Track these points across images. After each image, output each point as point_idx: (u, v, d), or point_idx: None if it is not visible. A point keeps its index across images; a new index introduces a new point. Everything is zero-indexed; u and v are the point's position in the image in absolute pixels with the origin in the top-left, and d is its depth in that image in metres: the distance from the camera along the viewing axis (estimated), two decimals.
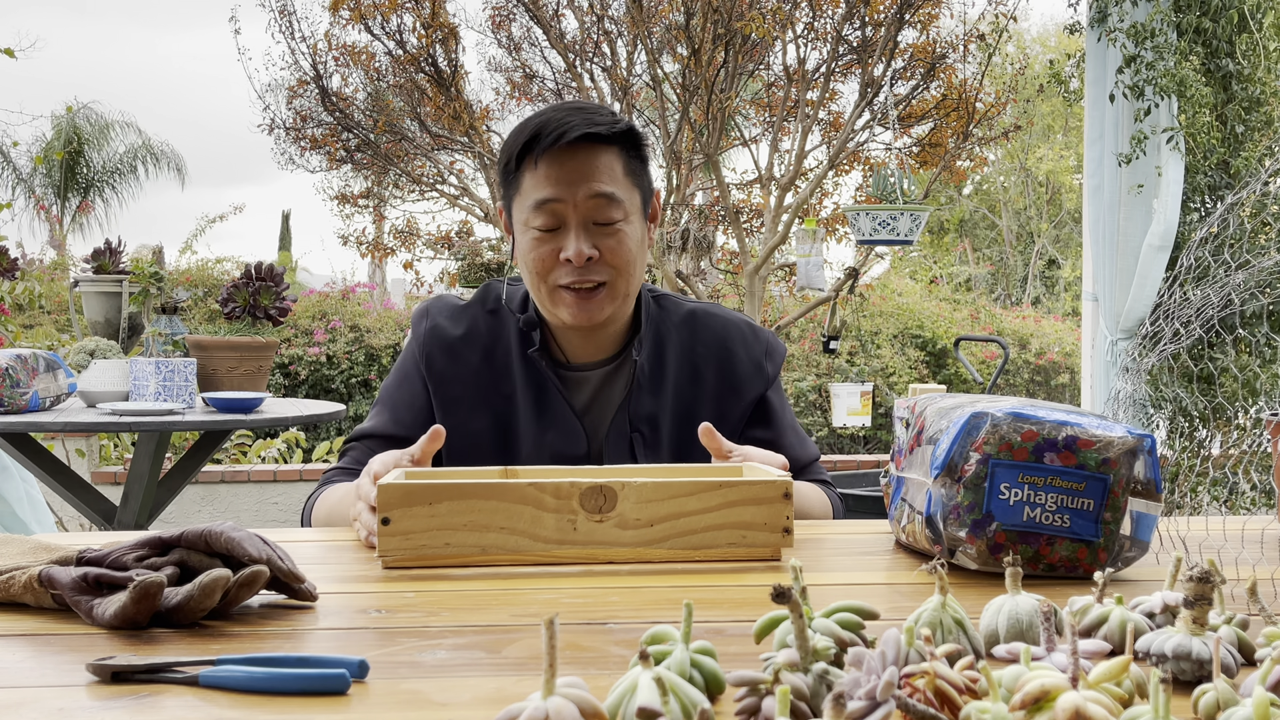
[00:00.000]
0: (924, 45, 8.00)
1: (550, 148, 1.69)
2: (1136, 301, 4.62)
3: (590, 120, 1.71)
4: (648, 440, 1.80)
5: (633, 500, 1.30)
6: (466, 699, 0.84)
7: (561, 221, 1.71)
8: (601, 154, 1.71)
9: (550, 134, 1.68)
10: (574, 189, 1.69)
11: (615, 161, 1.73)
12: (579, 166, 1.70)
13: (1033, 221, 21.50)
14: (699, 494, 1.31)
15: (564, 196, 1.69)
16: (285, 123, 9.46)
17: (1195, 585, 0.87)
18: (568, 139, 1.68)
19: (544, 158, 1.69)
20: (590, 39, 8.75)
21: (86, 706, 0.83)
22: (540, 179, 1.70)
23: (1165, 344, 1.61)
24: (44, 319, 8.55)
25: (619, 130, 1.73)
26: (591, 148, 1.71)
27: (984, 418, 1.25)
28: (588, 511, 1.30)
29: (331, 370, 8.71)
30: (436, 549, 1.28)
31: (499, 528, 1.29)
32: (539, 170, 1.70)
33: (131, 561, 1.09)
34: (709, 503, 1.31)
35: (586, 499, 1.30)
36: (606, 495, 1.30)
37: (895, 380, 9.53)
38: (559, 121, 1.70)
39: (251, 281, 3.86)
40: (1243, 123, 4.60)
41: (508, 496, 1.29)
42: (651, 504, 1.30)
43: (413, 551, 1.28)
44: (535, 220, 1.71)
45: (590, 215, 1.70)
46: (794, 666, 0.77)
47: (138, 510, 3.63)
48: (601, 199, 1.70)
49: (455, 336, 1.82)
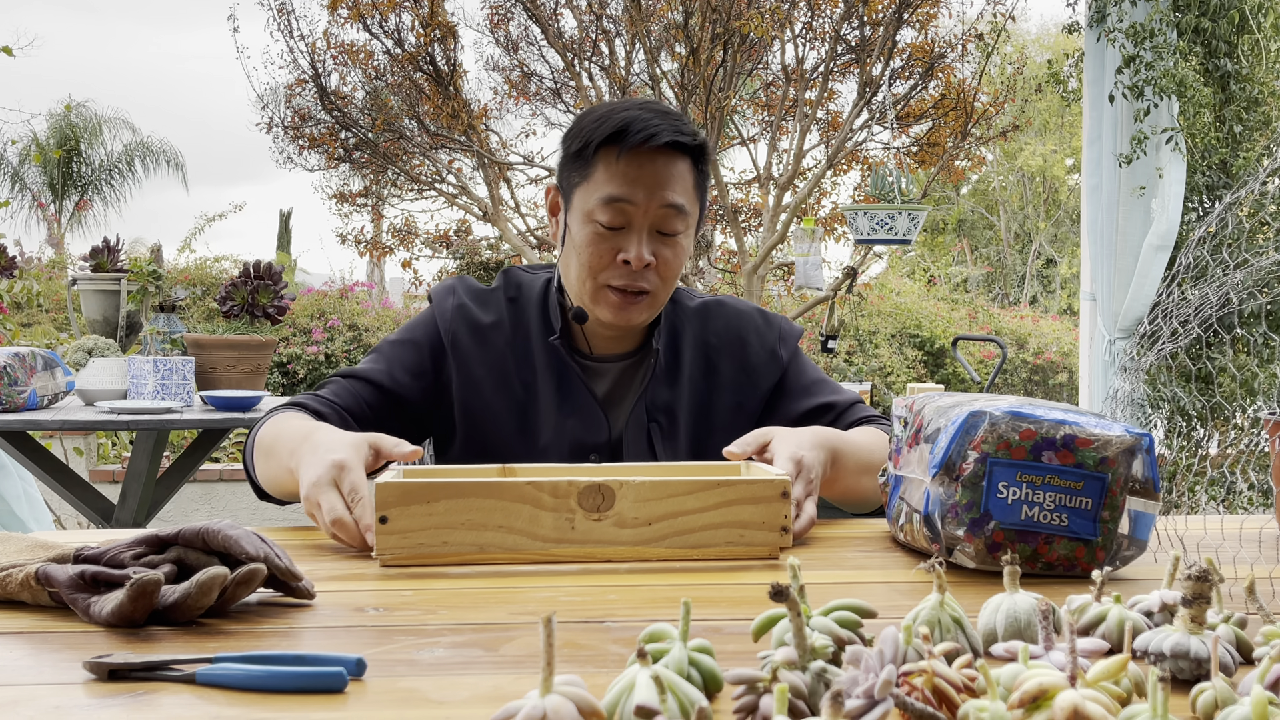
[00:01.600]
0: (922, 45, 8.01)
1: (635, 146, 1.68)
2: (1135, 301, 4.62)
3: (676, 128, 1.70)
4: (665, 431, 1.81)
5: (631, 499, 1.30)
6: (464, 697, 0.84)
7: (628, 223, 1.70)
8: (678, 163, 1.72)
9: (638, 133, 1.67)
10: (650, 194, 1.69)
11: (688, 173, 1.73)
12: (658, 172, 1.69)
13: (1030, 221, 21.51)
14: (697, 493, 1.31)
15: (637, 200, 1.69)
16: (284, 121, 9.46)
17: (1193, 584, 0.87)
18: (655, 143, 1.68)
19: (626, 155, 1.68)
20: (588, 38, 8.75)
21: (83, 704, 0.82)
22: (617, 175, 1.69)
23: (1163, 343, 1.61)
24: (42, 317, 8.54)
25: (698, 143, 1.74)
26: (671, 156, 1.71)
27: (982, 416, 1.25)
28: (586, 510, 1.30)
29: (329, 369, 8.71)
30: (434, 547, 1.28)
31: (497, 526, 1.29)
32: (618, 166, 1.69)
33: (129, 559, 1.09)
34: (707, 501, 1.31)
35: (585, 498, 1.29)
36: (605, 494, 1.30)
37: (893, 380, 9.54)
38: (645, 122, 1.68)
39: (250, 280, 3.86)
40: (1241, 123, 4.61)
41: (506, 495, 1.29)
42: (650, 503, 1.30)
43: (410, 550, 1.28)
44: (601, 215, 1.70)
45: (657, 223, 1.71)
46: (792, 665, 0.77)
47: (135, 508, 3.63)
48: (671, 210, 1.70)
49: (481, 317, 1.82)
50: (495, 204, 9.46)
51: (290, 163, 9.85)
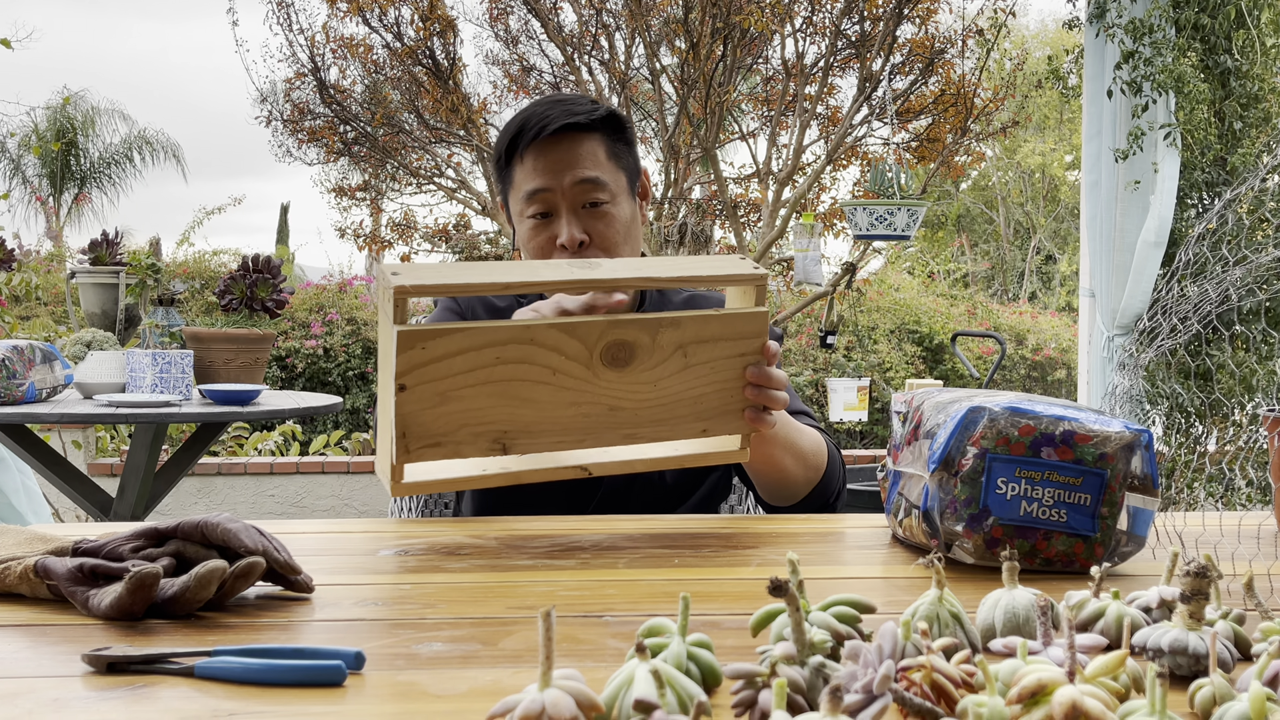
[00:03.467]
0: (922, 40, 8.00)
1: (534, 141, 1.78)
2: (1133, 297, 4.62)
3: (569, 111, 1.80)
4: None
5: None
6: (463, 691, 0.84)
7: (552, 208, 1.79)
8: (583, 141, 1.80)
9: (532, 128, 1.78)
10: (559, 177, 1.77)
11: (597, 147, 1.81)
12: (562, 156, 1.78)
13: (1030, 217, 21.51)
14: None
15: (551, 185, 1.78)
16: (283, 115, 9.44)
17: (1192, 580, 0.87)
18: (548, 131, 1.77)
19: (529, 151, 1.79)
20: (588, 32, 8.74)
21: (82, 697, 0.82)
22: (528, 171, 1.79)
23: (1162, 339, 1.61)
24: (41, 310, 8.54)
25: (597, 118, 1.81)
26: (573, 137, 1.79)
27: (981, 412, 1.25)
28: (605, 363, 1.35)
29: (328, 363, 8.71)
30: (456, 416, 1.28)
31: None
32: (526, 163, 1.79)
33: (127, 552, 1.09)
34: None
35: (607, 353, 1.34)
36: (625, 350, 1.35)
37: (892, 375, 9.54)
38: (540, 115, 1.79)
39: (249, 274, 3.86)
40: (1240, 119, 4.61)
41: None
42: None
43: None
44: (529, 210, 1.80)
45: (577, 200, 1.78)
46: (791, 660, 0.77)
47: (134, 502, 3.62)
48: (586, 184, 1.78)
49: (496, 301, 1.90)
50: (494, 198, 9.45)
51: (289, 156, 9.83)
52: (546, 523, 1.55)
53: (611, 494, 1.81)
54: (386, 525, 1.55)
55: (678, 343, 1.37)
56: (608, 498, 1.81)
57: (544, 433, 1.34)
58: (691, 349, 1.38)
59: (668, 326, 1.36)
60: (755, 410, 1.45)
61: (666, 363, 1.37)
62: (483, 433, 1.30)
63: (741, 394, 1.43)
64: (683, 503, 1.85)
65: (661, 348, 1.36)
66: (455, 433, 1.29)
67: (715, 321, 1.40)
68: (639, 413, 1.38)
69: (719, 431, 1.44)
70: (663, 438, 1.41)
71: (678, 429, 1.41)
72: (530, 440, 1.34)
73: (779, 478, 1.70)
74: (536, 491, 1.81)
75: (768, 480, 1.71)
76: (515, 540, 1.42)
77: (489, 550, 1.36)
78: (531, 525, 1.53)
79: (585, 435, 1.37)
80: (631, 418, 1.38)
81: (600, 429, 1.37)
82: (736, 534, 1.50)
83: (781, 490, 1.72)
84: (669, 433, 1.41)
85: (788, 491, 1.72)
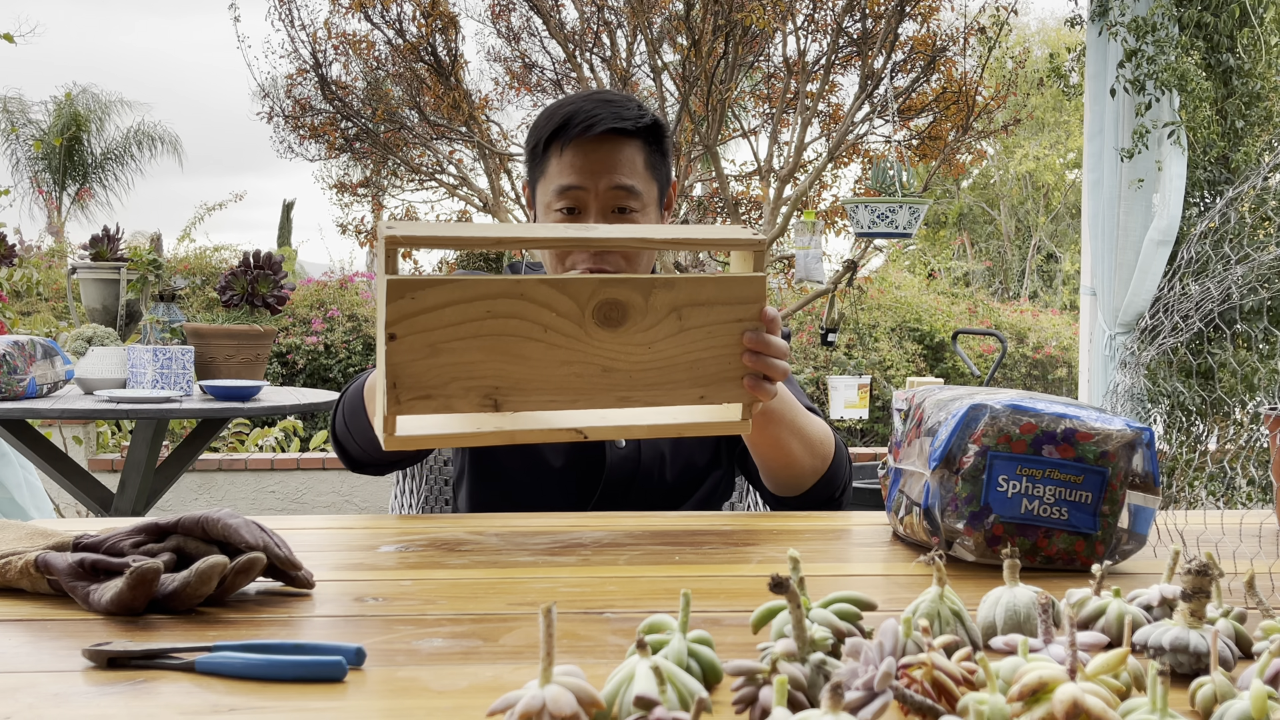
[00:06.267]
0: (924, 38, 8.00)
1: (577, 137, 1.75)
2: (1135, 296, 4.62)
3: (617, 114, 1.77)
4: None
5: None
6: (463, 686, 0.84)
7: (582, 207, 1.77)
8: (625, 147, 1.77)
9: (578, 124, 1.75)
10: (596, 179, 1.75)
11: (637, 155, 1.79)
12: (603, 158, 1.76)
13: (1031, 215, 21.50)
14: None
15: (586, 185, 1.75)
16: (284, 111, 9.44)
17: (1193, 578, 0.87)
18: (594, 131, 1.75)
19: (570, 146, 1.76)
20: (590, 29, 8.73)
21: (83, 692, 0.82)
22: (565, 166, 1.77)
23: (1164, 338, 1.61)
24: (42, 306, 8.54)
25: (642, 125, 1.79)
26: (616, 140, 1.77)
27: (983, 410, 1.25)
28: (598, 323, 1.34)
29: (329, 359, 8.71)
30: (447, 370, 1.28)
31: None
32: (564, 157, 1.77)
33: (128, 548, 1.09)
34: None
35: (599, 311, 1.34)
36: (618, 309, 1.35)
37: (893, 373, 9.54)
38: (587, 113, 1.76)
39: (250, 270, 3.86)
40: (1243, 117, 4.60)
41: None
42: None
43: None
44: (557, 204, 1.77)
45: (609, 204, 1.76)
46: (791, 656, 0.77)
47: (134, 497, 3.63)
48: (621, 191, 1.76)
49: None
50: (496, 195, 9.46)
51: (291, 152, 9.83)
52: (547, 519, 1.55)
53: (612, 492, 1.81)
54: (387, 521, 1.55)
55: (672, 304, 1.35)
56: (608, 496, 1.80)
57: (536, 390, 1.32)
58: (686, 312, 1.36)
59: (661, 287, 1.34)
60: (754, 378, 1.42)
61: (661, 324, 1.35)
62: (474, 387, 1.29)
63: (740, 361, 1.41)
64: (684, 501, 1.85)
65: (655, 309, 1.34)
66: (446, 385, 1.28)
67: (711, 284, 1.38)
68: (633, 375, 1.35)
69: (717, 399, 1.42)
70: (658, 402, 1.38)
71: (674, 394, 1.39)
72: (522, 398, 1.32)
73: (785, 461, 1.68)
74: (536, 489, 1.81)
75: (773, 464, 1.70)
76: (516, 536, 1.42)
77: (489, 546, 1.36)
78: (532, 521, 1.53)
79: (578, 396, 1.34)
80: (625, 380, 1.35)
81: (593, 390, 1.35)
82: (737, 531, 1.50)
83: (787, 477, 1.71)
84: (665, 397, 1.38)
85: (794, 479, 1.71)
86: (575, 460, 1.81)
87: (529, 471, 1.81)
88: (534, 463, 1.81)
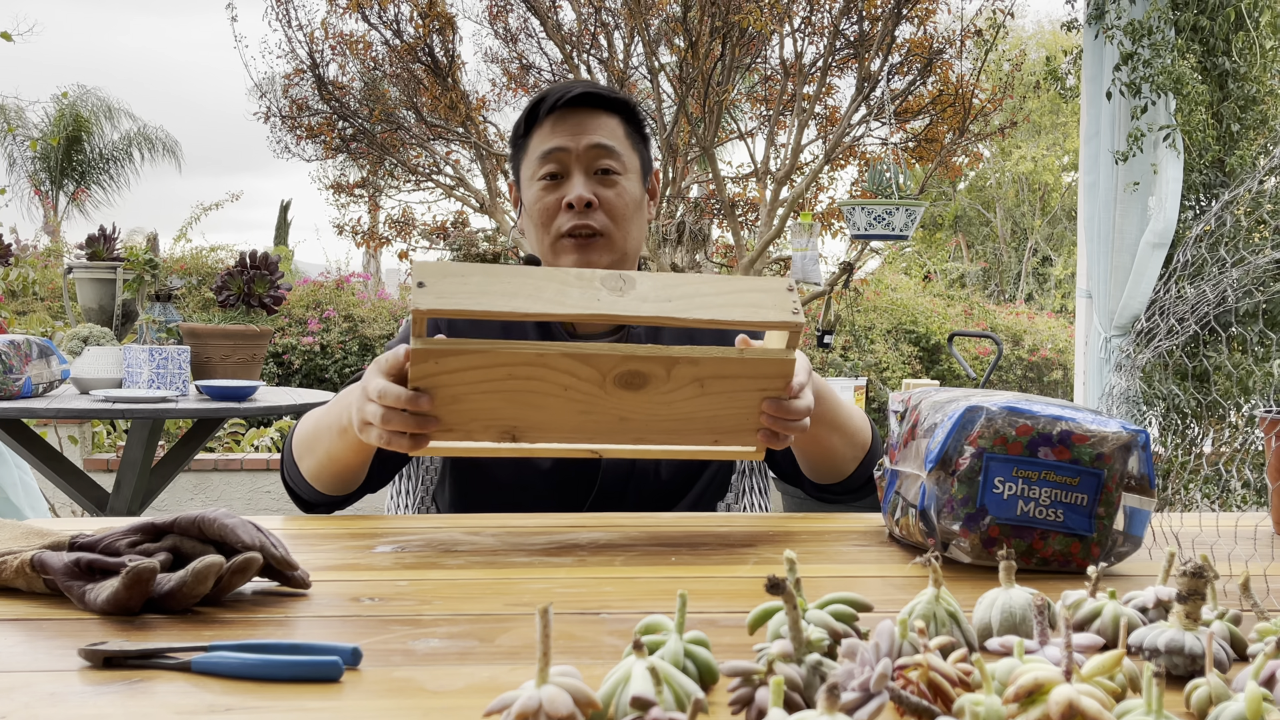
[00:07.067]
0: (921, 40, 8.00)
1: (555, 107, 1.82)
2: (1131, 298, 4.63)
3: (593, 86, 1.86)
4: None
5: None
6: (460, 687, 0.84)
7: (565, 169, 1.81)
8: (602, 115, 1.84)
9: (554, 96, 1.83)
10: (577, 139, 1.81)
11: (616, 125, 1.85)
12: (581, 121, 1.82)
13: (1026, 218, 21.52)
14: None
15: (567, 145, 1.81)
16: (281, 111, 9.43)
17: (1188, 580, 0.87)
18: (570, 95, 1.82)
19: (550, 115, 1.83)
20: (587, 30, 8.73)
21: (79, 691, 0.82)
22: (545, 134, 1.82)
23: (1160, 340, 1.61)
24: (38, 305, 8.53)
25: (618, 99, 1.86)
26: (593, 110, 1.84)
27: (979, 411, 1.25)
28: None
29: (325, 360, 8.70)
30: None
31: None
32: (545, 127, 1.83)
33: (124, 547, 1.09)
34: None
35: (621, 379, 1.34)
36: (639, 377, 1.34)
37: (889, 375, 9.54)
38: (564, 88, 1.84)
39: (246, 270, 3.86)
40: (1238, 121, 4.61)
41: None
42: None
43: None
44: (540, 170, 1.82)
45: (591, 163, 1.81)
46: (788, 657, 0.77)
47: (130, 497, 3.62)
48: (601, 149, 1.81)
49: None
50: (493, 196, 9.45)
51: (288, 153, 9.82)
52: (544, 520, 1.55)
53: (607, 491, 1.80)
54: (383, 522, 1.55)
55: (694, 377, 1.35)
56: (603, 496, 1.80)
57: (553, 430, 1.36)
58: (709, 382, 1.36)
59: (685, 363, 1.33)
60: (769, 433, 1.42)
61: (681, 390, 1.36)
62: (493, 425, 1.34)
63: (757, 418, 1.40)
64: (679, 500, 1.85)
65: (677, 379, 1.34)
66: (467, 424, 1.33)
67: (736, 363, 1.35)
68: (649, 424, 1.37)
69: (731, 444, 1.43)
70: (672, 443, 1.41)
71: (688, 439, 1.41)
72: (539, 435, 1.36)
73: (826, 457, 1.70)
74: (524, 493, 1.79)
75: (816, 460, 1.71)
76: (512, 537, 1.42)
77: (486, 547, 1.36)
78: (529, 522, 1.53)
79: (594, 436, 1.38)
80: (642, 427, 1.37)
81: (610, 433, 1.38)
82: (734, 532, 1.50)
83: (829, 468, 1.73)
84: (679, 440, 1.41)
85: (835, 470, 1.73)
86: (567, 461, 1.79)
87: (516, 474, 1.79)
88: (520, 463, 1.79)
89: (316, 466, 1.64)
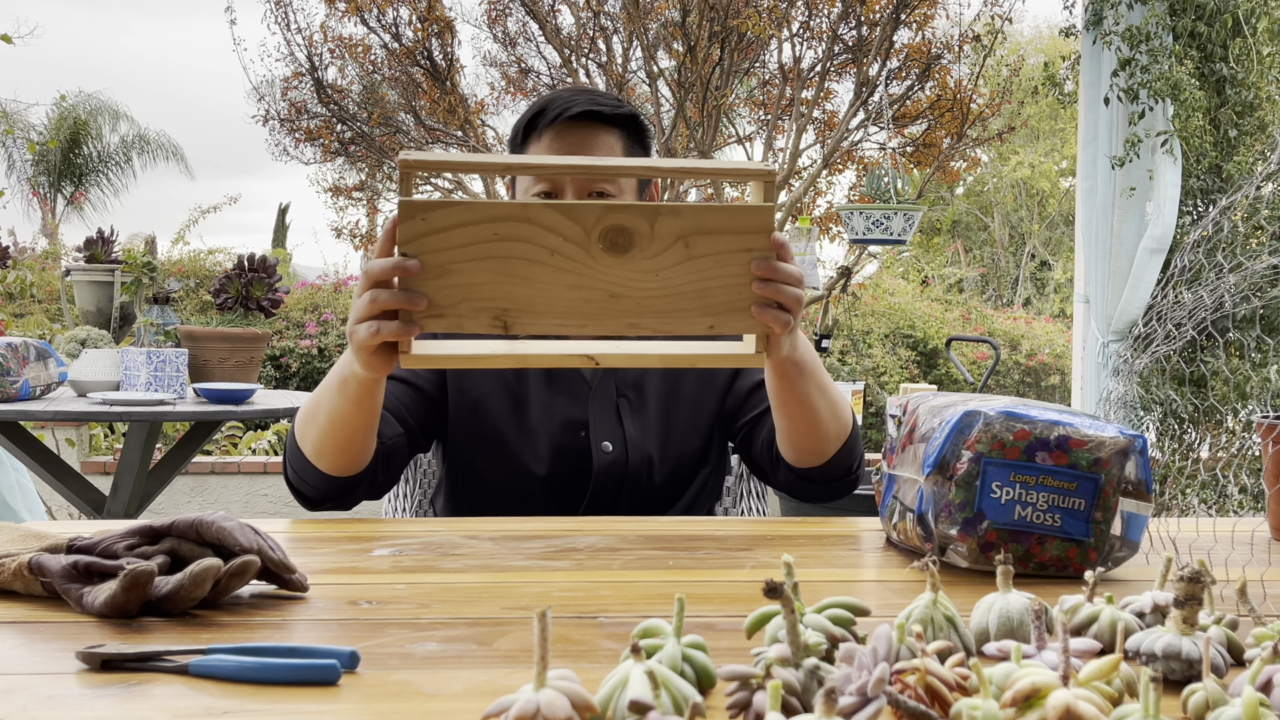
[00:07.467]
0: (919, 45, 8.01)
1: (554, 122, 1.77)
2: (1129, 304, 4.63)
3: (594, 100, 1.80)
4: (634, 405, 1.85)
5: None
6: (457, 690, 0.84)
7: (559, 190, 1.77)
8: (601, 134, 1.80)
9: (555, 109, 1.78)
10: None
11: (615, 143, 1.81)
12: (579, 141, 1.78)
13: (1024, 223, 21.54)
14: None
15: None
16: (279, 114, 9.43)
17: (1185, 585, 0.87)
18: (570, 114, 1.77)
19: (548, 130, 1.78)
20: (586, 34, 8.74)
21: (76, 694, 0.82)
22: (543, 150, 1.79)
23: (1157, 345, 1.61)
24: (35, 308, 8.53)
25: (621, 114, 1.81)
26: (592, 126, 1.79)
27: (977, 416, 1.25)
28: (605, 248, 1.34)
29: (323, 363, 8.69)
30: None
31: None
32: (543, 142, 1.79)
33: (122, 550, 1.09)
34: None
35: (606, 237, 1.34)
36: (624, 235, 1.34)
37: (886, 380, 9.55)
38: (564, 99, 1.79)
39: (244, 273, 3.86)
40: (1236, 127, 4.62)
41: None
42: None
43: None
44: (534, 188, 1.78)
45: (586, 187, 1.76)
46: (785, 662, 0.77)
47: (127, 500, 3.62)
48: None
49: None
50: (490, 198, 9.46)
51: (286, 156, 9.81)
52: (541, 523, 1.55)
53: (599, 499, 1.80)
54: (381, 525, 1.55)
55: (678, 232, 1.35)
56: (595, 503, 1.80)
57: (544, 313, 1.33)
58: (694, 240, 1.35)
59: (667, 214, 1.34)
60: (765, 305, 1.36)
61: (667, 252, 1.35)
62: (483, 308, 1.32)
63: (750, 292, 1.38)
64: (673, 504, 1.85)
65: (661, 236, 1.34)
66: (456, 305, 1.31)
67: (717, 213, 1.37)
68: (641, 302, 1.35)
69: (728, 329, 1.40)
70: (667, 330, 1.38)
71: (683, 323, 1.38)
72: (531, 320, 1.33)
73: (812, 422, 1.64)
74: (518, 498, 1.79)
75: (800, 425, 1.65)
76: (510, 541, 1.42)
77: (483, 551, 1.36)
78: (526, 526, 1.53)
79: (587, 321, 1.35)
80: (633, 306, 1.35)
81: (602, 315, 1.35)
82: (731, 536, 1.50)
83: (812, 442, 1.67)
84: (674, 325, 1.38)
85: (818, 444, 1.67)
86: (561, 467, 1.79)
87: (511, 481, 1.80)
88: (516, 469, 1.79)
89: (320, 437, 1.59)
